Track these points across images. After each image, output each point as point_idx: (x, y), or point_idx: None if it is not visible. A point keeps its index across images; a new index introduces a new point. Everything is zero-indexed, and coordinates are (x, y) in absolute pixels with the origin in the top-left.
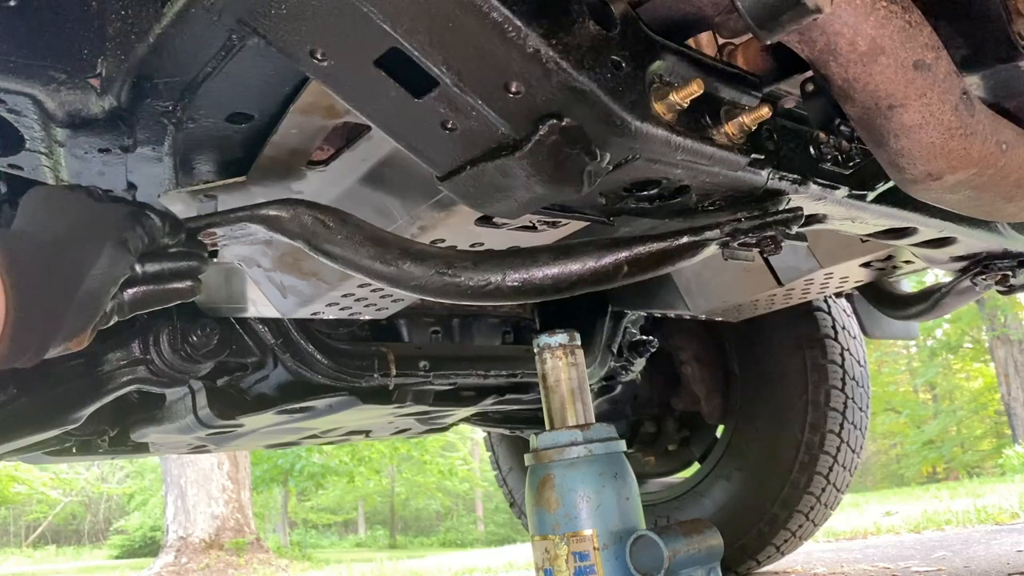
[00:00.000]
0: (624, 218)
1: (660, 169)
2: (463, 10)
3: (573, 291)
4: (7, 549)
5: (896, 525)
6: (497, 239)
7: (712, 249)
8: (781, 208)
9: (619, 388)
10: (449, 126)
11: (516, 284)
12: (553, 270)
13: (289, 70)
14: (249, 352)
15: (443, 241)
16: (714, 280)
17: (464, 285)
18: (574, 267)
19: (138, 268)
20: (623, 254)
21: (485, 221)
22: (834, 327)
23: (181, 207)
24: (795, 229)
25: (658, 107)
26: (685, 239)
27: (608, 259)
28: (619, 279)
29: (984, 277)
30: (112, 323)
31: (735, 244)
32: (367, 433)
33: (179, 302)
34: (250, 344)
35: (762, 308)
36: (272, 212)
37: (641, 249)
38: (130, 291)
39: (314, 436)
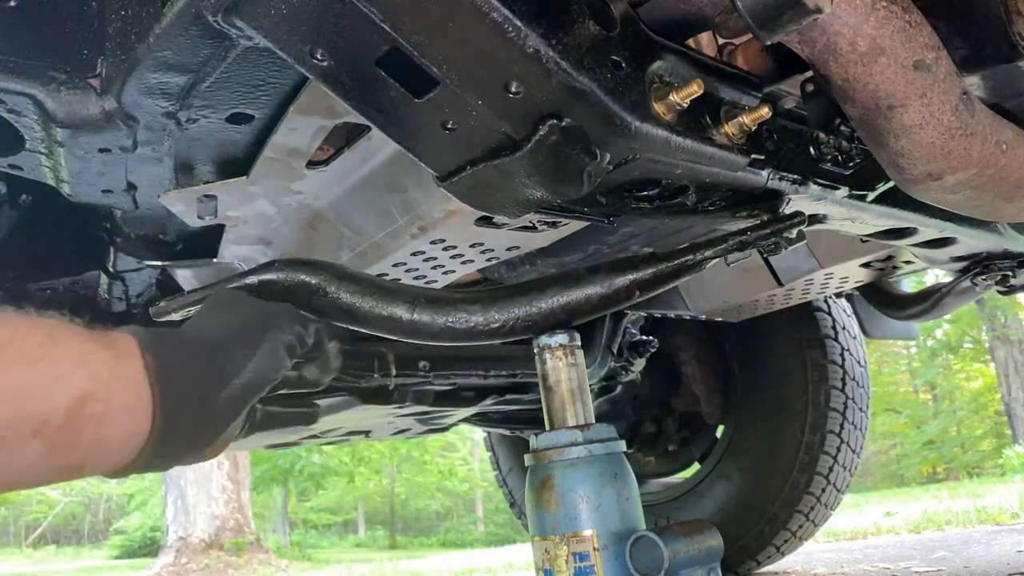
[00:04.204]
0: (624, 218)
1: (660, 169)
2: (463, 10)
3: (586, 319)
4: (7, 549)
5: (896, 525)
6: (497, 239)
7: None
8: (785, 218)
9: (619, 388)
10: (449, 126)
11: (529, 323)
12: (563, 300)
13: (289, 70)
14: None
15: (443, 241)
16: (714, 280)
17: (477, 329)
18: (585, 295)
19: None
20: (631, 277)
21: (485, 221)
22: (834, 327)
23: (181, 207)
24: (796, 234)
25: (658, 107)
26: (694, 257)
27: (618, 283)
28: (631, 301)
29: (984, 277)
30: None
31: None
32: (367, 433)
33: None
34: None
35: (762, 308)
36: (263, 278)
37: (650, 271)
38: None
39: (314, 436)
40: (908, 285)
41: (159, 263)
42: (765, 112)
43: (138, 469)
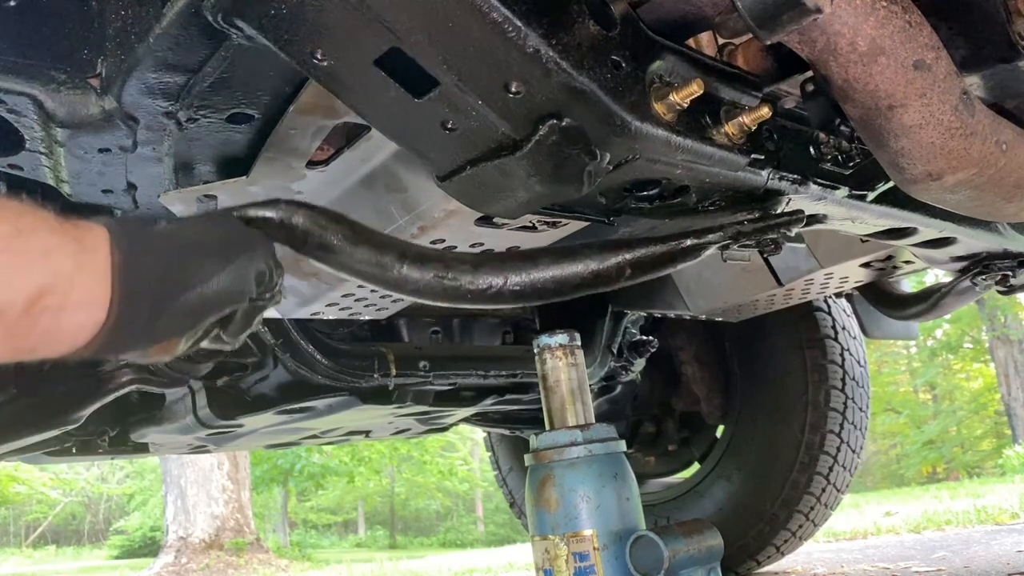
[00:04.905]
0: (624, 218)
1: (660, 169)
2: (463, 10)
3: (575, 293)
4: (7, 549)
5: (896, 525)
6: (497, 239)
7: (713, 249)
8: (783, 211)
9: (619, 388)
10: (449, 126)
11: (517, 288)
12: (554, 273)
13: (289, 70)
14: (249, 352)
15: (443, 241)
16: (714, 280)
17: (464, 289)
18: (576, 269)
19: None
20: (625, 256)
21: (485, 221)
22: (834, 327)
23: (181, 207)
24: (796, 231)
25: (658, 107)
26: (688, 241)
27: (610, 261)
28: (621, 281)
29: (984, 277)
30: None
31: (735, 245)
32: (367, 433)
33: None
34: (250, 344)
35: (762, 308)
36: (260, 214)
37: (643, 251)
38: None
39: (314, 436)
40: (908, 285)
41: None
42: (765, 112)
43: (86, 356)
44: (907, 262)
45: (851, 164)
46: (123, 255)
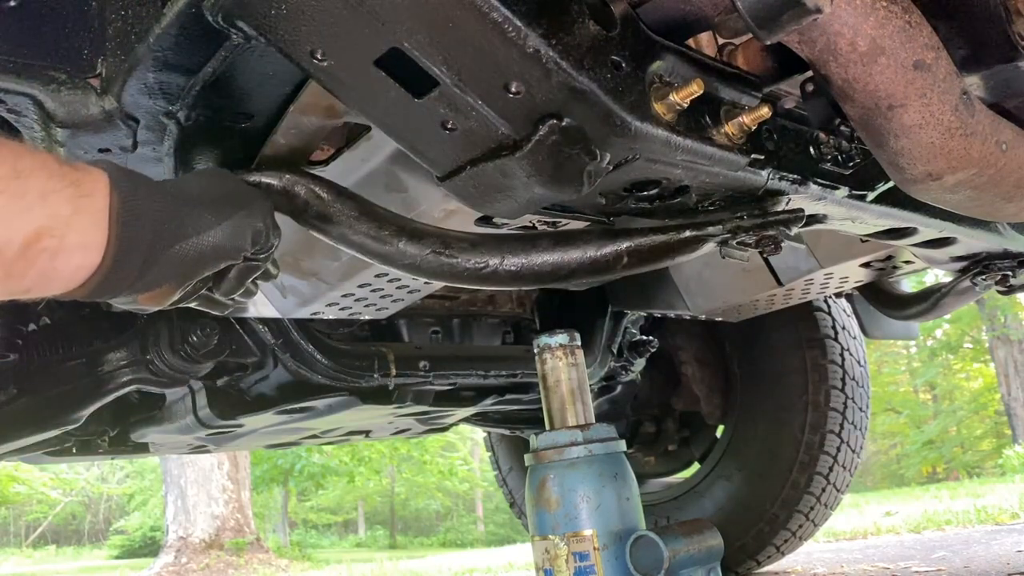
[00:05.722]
0: (624, 218)
1: (660, 169)
2: (463, 10)
3: (572, 280)
4: (7, 549)
5: (896, 525)
6: None
7: (712, 245)
8: (782, 208)
9: (619, 388)
10: (449, 126)
11: (514, 269)
12: (552, 257)
13: (289, 70)
14: (249, 352)
15: None
16: (714, 280)
17: (460, 267)
18: (574, 255)
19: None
20: (624, 245)
21: (485, 221)
22: (834, 327)
23: None
24: (795, 230)
25: (658, 107)
26: (686, 233)
27: (608, 249)
28: (619, 270)
29: (984, 277)
30: (194, 299)
31: (734, 242)
32: (367, 433)
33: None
34: (250, 344)
35: (762, 308)
36: (263, 180)
37: (642, 241)
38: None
39: (314, 436)
40: (908, 285)
41: None
42: (765, 112)
43: (79, 297)
44: (907, 262)
45: (851, 164)
46: (121, 200)
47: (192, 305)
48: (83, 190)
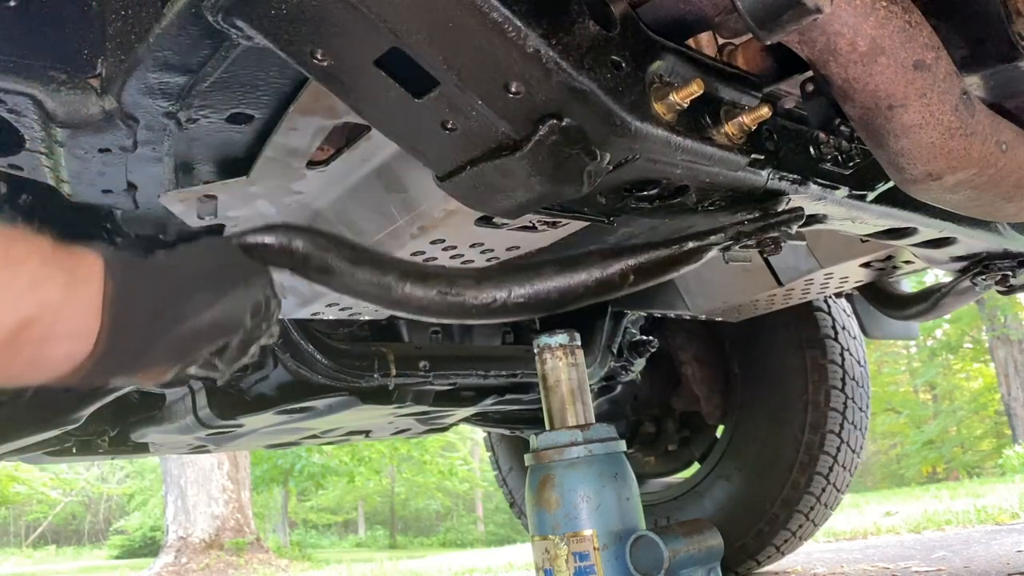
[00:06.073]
0: (624, 218)
1: (660, 169)
2: (463, 10)
3: (580, 302)
4: (7, 549)
5: (896, 525)
6: (497, 239)
7: (714, 251)
8: (782, 209)
9: (619, 388)
10: (449, 126)
11: (522, 300)
12: (558, 283)
13: (289, 70)
14: None
15: (443, 241)
16: (714, 280)
17: (469, 305)
18: (580, 278)
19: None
20: (628, 262)
21: (485, 221)
22: (834, 327)
23: (181, 207)
24: (796, 229)
25: (658, 107)
26: (689, 245)
27: (614, 268)
28: (625, 287)
29: (984, 277)
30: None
31: (736, 246)
32: (367, 433)
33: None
34: None
35: (762, 308)
36: (259, 240)
37: (646, 256)
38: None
39: (314, 436)
40: (908, 285)
41: None
42: (765, 112)
43: (72, 383)
44: (907, 262)
45: (851, 164)
46: (115, 286)
47: (191, 372)
48: (76, 276)
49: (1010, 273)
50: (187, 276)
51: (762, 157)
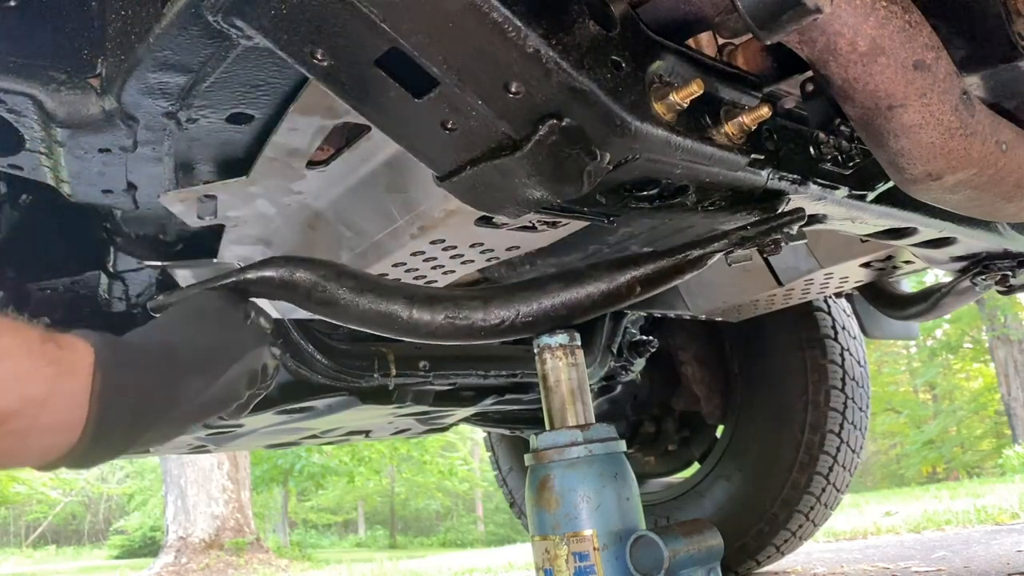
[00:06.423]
0: (624, 218)
1: (660, 169)
2: (463, 10)
3: (587, 316)
4: (7, 549)
5: (896, 525)
6: (497, 239)
7: (718, 256)
8: (784, 212)
9: (619, 388)
10: (449, 126)
11: (530, 320)
12: (565, 298)
13: (289, 70)
14: None
15: (443, 242)
16: (714, 280)
17: (477, 327)
18: (586, 292)
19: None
20: (633, 273)
21: (485, 221)
22: (834, 327)
23: (181, 207)
24: (797, 229)
25: (658, 107)
26: (694, 253)
27: (620, 280)
28: (632, 298)
29: (984, 277)
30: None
31: (739, 251)
32: (367, 433)
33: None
34: None
35: (762, 308)
36: (260, 275)
37: (651, 267)
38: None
39: (314, 436)
40: (908, 285)
41: (159, 263)
42: (765, 112)
43: (57, 468)
44: (907, 262)
45: (851, 164)
46: (104, 378)
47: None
48: (64, 368)
49: (1010, 273)
50: (181, 360)
51: (762, 157)
